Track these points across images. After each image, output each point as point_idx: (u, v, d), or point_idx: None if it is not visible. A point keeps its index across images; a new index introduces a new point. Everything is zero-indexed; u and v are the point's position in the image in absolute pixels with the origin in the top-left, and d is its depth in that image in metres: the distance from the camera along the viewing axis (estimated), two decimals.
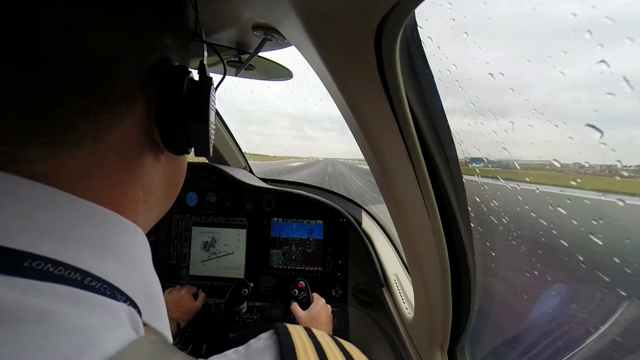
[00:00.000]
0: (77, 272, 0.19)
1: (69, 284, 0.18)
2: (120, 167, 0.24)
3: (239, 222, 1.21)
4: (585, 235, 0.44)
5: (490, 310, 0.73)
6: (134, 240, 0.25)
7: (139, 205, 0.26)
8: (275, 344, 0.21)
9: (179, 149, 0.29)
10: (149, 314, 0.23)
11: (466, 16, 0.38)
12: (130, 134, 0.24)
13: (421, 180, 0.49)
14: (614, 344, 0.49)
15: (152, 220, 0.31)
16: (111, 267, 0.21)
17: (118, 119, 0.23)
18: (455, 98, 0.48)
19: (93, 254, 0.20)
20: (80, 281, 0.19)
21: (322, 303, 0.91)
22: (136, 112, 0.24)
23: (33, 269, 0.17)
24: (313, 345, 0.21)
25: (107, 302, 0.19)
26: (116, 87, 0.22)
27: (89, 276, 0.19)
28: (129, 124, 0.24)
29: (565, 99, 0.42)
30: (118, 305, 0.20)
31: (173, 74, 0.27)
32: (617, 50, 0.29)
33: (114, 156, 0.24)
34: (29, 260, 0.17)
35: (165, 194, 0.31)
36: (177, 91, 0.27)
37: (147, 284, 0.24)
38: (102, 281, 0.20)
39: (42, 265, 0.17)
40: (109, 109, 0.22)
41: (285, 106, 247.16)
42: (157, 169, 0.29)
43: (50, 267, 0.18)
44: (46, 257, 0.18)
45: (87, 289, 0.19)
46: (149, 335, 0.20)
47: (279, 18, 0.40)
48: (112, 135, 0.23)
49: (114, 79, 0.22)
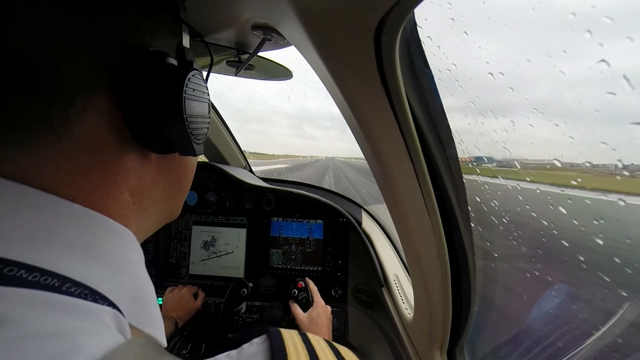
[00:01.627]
0: (55, 278, 0.18)
1: (45, 290, 0.17)
2: (95, 168, 0.22)
3: (239, 221, 1.21)
4: (586, 235, 0.44)
5: (490, 311, 0.72)
6: (124, 244, 0.24)
7: (126, 208, 0.25)
8: (268, 349, 0.21)
9: (157, 147, 0.26)
10: (139, 319, 0.23)
11: (465, 16, 0.37)
12: (99, 131, 0.22)
13: (421, 180, 0.49)
14: (614, 344, 0.49)
15: (152, 223, 0.29)
16: (96, 272, 0.20)
17: (76, 116, 0.21)
18: (455, 97, 0.48)
19: (76, 259, 0.20)
20: (58, 287, 0.18)
21: (322, 305, 0.90)
22: (100, 107, 0.22)
23: (4, 275, 0.16)
24: (307, 351, 0.21)
25: (88, 307, 0.19)
26: (60, 83, 0.20)
27: (68, 282, 0.18)
28: (93, 120, 0.22)
29: (565, 98, 0.42)
30: (101, 309, 0.19)
31: (142, 62, 0.24)
32: (617, 49, 0.28)
33: (87, 157, 0.22)
34: (0, 266, 0.17)
35: (165, 193, 0.29)
36: (143, 80, 0.24)
37: (137, 288, 0.23)
38: (82, 286, 0.19)
39: (14, 271, 0.17)
40: (60, 105, 0.20)
41: (283, 104, 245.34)
42: (148, 168, 0.26)
43: (24, 273, 0.17)
44: (20, 263, 0.17)
45: (65, 294, 0.18)
46: (138, 339, 0.20)
47: (279, 18, 0.40)
48: (76, 133, 0.21)
49: (55, 73, 0.20)
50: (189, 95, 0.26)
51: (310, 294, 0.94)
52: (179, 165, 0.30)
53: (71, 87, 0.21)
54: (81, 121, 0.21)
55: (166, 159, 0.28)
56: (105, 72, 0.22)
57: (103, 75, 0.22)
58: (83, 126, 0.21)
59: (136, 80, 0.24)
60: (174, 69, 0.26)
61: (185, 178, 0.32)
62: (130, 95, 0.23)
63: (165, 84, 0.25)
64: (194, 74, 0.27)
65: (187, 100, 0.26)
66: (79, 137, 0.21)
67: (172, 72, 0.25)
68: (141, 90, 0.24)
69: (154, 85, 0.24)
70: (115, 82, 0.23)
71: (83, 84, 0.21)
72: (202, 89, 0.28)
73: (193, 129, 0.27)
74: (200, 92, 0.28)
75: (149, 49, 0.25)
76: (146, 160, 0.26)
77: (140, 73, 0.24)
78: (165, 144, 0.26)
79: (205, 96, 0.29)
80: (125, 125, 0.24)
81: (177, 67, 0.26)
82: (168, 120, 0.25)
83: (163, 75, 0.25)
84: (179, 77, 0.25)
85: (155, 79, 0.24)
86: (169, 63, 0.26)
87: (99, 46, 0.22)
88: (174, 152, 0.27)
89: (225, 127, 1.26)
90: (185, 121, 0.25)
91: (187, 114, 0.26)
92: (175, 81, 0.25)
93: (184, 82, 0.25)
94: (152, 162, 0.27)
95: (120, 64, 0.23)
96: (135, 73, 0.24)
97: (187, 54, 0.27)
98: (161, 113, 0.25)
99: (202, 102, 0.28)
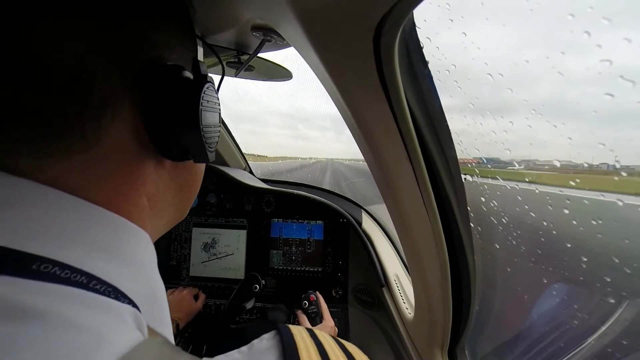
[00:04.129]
0: (83, 275, 0.19)
1: (75, 286, 0.18)
2: (119, 175, 0.24)
3: (239, 223, 1.21)
4: (585, 236, 0.44)
5: (491, 310, 0.73)
6: (140, 245, 0.25)
7: (144, 212, 0.26)
8: (278, 344, 0.21)
9: (174, 155, 0.27)
10: (152, 318, 0.23)
11: (464, 17, 0.38)
12: (124, 140, 0.24)
13: (421, 181, 0.49)
14: (614, 344, 0.49)
15: (163, 225, 0.30)
16: (116, 271, 0.21)
17: (106, 126, 0.22)
18: (454, 98, 0.48)
19: (99, 258, 0.21)
20: (86, 284, 0.19)
21: (331, 326, 0.88)
22: (125, 118, 0.24)
23: (41, 271, 0.18)
24: (315, 346, 0.21)
25: (112, 304, 0.20)
26: (92, 94, 0.21)
27: (94, 279, 0.19)
28: (119, 130, 0.23)
29: (565, 99, 0.42)
30: (123, 307, 0.20)
31: (161, 74, 0.25)
32: (616, 50, 0.29)
33: (111, 164, 0.23)
34: (37, 263, 0.18)
35: (176, 198, 0.30)
36: (164, 92, 0.25)
37: (151, 288, 0.24)
38: (106, 284, 0.20)
39: (49, 267, 0.18)
40: (92, 116, 0.22)
41: (275, 104, 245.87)
42: (162, 175, 0.28)
43: (58, 270, 0.18)
44: (54, 260, 0.18)
45: (92, 291, 0.19)
46: (156, 337, 0.21)
47: (278, 19, 0.40)
48: (105, 142, 0.22)
49: (88, 86, 0.21)
50: (204, 106, 0.28)
51: (320, 310, 0.92)
52: (190, 171, 0.32)
53: (103, 98, 0.22)
54: (110, 131, 0.23)
55: (179, 166, 0.30)
56: (130, 84, 0.24)
57: (129, 87, 0.24)
58: (111, 136, 0.23)
59: (157, 93, 0.25)
60: (191, 82, 0.27)
61: (195, 183, 0.34)
62: (151, 106, 0.25)
63: (184, 96, 0.26)
64: (209, 87, 0.28)
65: (202, 111, 0.27)
66: (107, 146, 0.23)
67: (189, 85, 0.27)
68: (162, 102, 0.25)
69: (174, 97, 0.26)
70: (139, 94, 0.24)
71: (113, 96, 0.23)
72: (215, 100, 0.30)
73: (207, 138, 0.28)
74: (214, 103, 0.30)
75: (167, 63, 0.26)
76: (161, 167, 0.28)
77: (161, 86, 0.25)
78: (181, 152, 0.27)
79: (217, 107, 0.31)
80: (146, 135, 0.25)
81: (194, 81, 0.28)
82: (186, 130, 0.27)
83: (182, 88, 0.26)
84: (195, 90, 0.27)
85: (175, 91, 0.26)
86: (186, 76, 0.27)
87: (125, 59, 0.23)
88: (189, 159, 0.29)
89: (225, 129, 1.26)
90: (202, 131, 0.27)
91: (202, 125, 0.27)
92: (192, 94, 0.27)
93: (200, 95, 0.27)
94: (167, 169, 0.29)
95: (143, 77, 0.24)
96: (156, 86, 0.25)
97: (201, 67, 0.28)
98: (180, 123, 0.26)
99: (214, 112, 0.30)
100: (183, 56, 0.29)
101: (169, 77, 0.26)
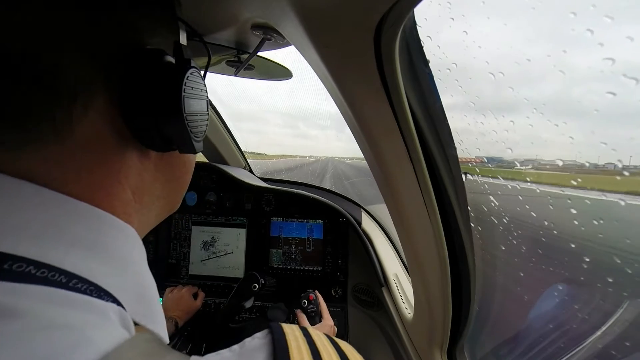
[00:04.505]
0: (62, 274, 0.18)
1: (52, 286, 0.18)
2: (99, 168, 0.23)
3: (239, 221, 1.21)
4: (586, 236, 0.44)
5: (490, 310, 0.72)
6: (127, 242, 0.24)
7: (129, 207, 0.25)
8: (269, 343, 0.21)
9: (157, 146, 0.26)
10: (143, 315, 0.23)
11: (465, 15, 0.37)
12: (101, 131, 0.22)
13: (421, 180, 0.49)
14: (614, 344, 0.49)
15: (152, 219, 0.29)
16: (99, 269, 0.21)
17: (78, 116, 0.21)
18: (455, 97, 0.48)
19: (82, 256, 0.20)
20: (65, 283, 0.18)
21: (330, 325, 0.88)
22: (101, 106, 0.22)
23: (13, 271, 0.17)
24: (307, 345, 0.21)
25: (94, 302, 0.19)
26: (61, 83, 0.20)
27: (75, 278, 0.19)
28: (94, 120, 0.22)
29: (567, 97, 0.42)
30: (106, 305, 0.20)
31: (139, 60, 0.24)
32: (618, 48, 0.28)
33: (90, 156, 0.22)
34: (9, 263, 0.17)
35: (164, 190, 0.29)
36: (142, 79, 0.23)
37: (140, 285, 0.24)
38: (88, 282, 0.19)
39: (23, 267, 0.17)
40: (61, 105, 0.20)
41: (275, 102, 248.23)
42: (147, 167, 0.27)
43: (33, 269, 0.17)
44: (28, 259, 0.17)
45: (72, 290, 0.18)
46: (142, 334, 0.20)
47: (278, 18, 0.40)
48: (79, 133, 0.21)
49: (56, 73, 0.20)
50: (188, 93, 0.26)
51: (320, 309, 0.91)
52: (178, 162, 0.30)
53: (72, 87, 0.21)
54: (83, 121, 0.21)
55: (165, 157, 0.28)
56: (104, 71, 0.22)
57: (102, 75, 0.22)
58: (85, 126, 0.22)
59: (135, 79, 0.24)
60: (172, 67, 0.26)
61: (185, 174, 0.32)
62: (129, 94, 0.23)
63: (164, 82, 0.25)
64: (192, 72, 0.26)
65: (186, 98, 0.25)
66: (81, 136, 0.21)
67: (170, 70, 0.25)
68: (140, 89, 0.24)
69: (153, 83, 0.24)
70: (114, 81, 0.23)
71: (83, 84, 0.21)
72: (200, 87, 0.28)
73: (192, 127, 0.27)
74: (199, 90, 0.28)
75: (147, 47, 0.25)
76: (146, 158, 0.26)
77: (139, 72, 0.24)
78: (164, 142, 0.26)
79: (203, 94, 0.29)
80: (125, 125, 0.24)
81: (175, 65, 0.26)
82: (167, 119, 0.25)
83: (161, 74, 0.24)
84: (177, 76, 0.25)
85: (154, 77, 0.24)
86: (167, 61, 0.26)
87: (97, 45, 0.22)
88: (174, 150, 0.27)
89: (224, 127, 1.26)
90: (185, 119, 0.25)
91: (186, 113, 0.25)
92: (173, 80, 0.25)
93: (182, 81, 0.25)
94: (152, 160, 0.27)
95: (118, 63, 0.23)
96: (134, 72, 0.23)
97: (184, 51, 0.26)
98: (160, 112, 0.25)
99: (200, 99, 0.28)
100: (166, 41, 0.27)
101: (147, 62, 0.24)
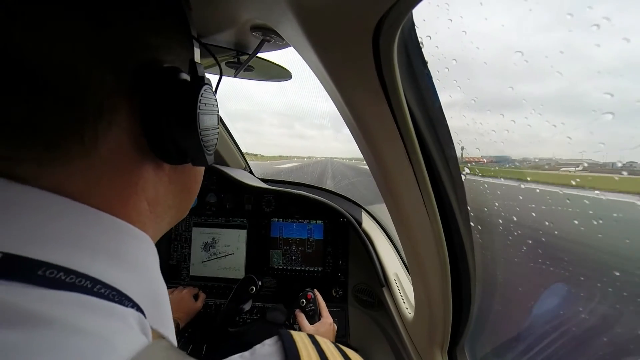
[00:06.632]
0: (88, 280, 0.19)
1: (80, 292, 0.19)
2: (119, 180, 0.24)
3: (239, 222, 1.21)
4: (586, 236, 0.44)
5: (491, 310, 0.72)
6: (142, 248, 0.25)
7: (144, 216, 0.26)
8: (280, 350, 0.21)
9: (173, 159, 0.27)
10: (155, 320, 0.24)
11: (463, 16, 0.38)
12: (122, 146, 0.24)
13: (420, 181, 0.49)
14: (614, 344, 0.49)
15: (164, 227, 0.31)
16: (120, 275, 0.21)
17: (103, 132, 0.22)
18: (454, 98, 0.48)
19: (104, 262, 0.21)
20: (91, 288, 0.19)
21: (330, 323, 0.88)
22: (122, 123, 0.23)
23: (46, 277, 0.18)
24: (317, 353, 0.22)
25: (117, 309, 0.20)
26: (87, 100, 0.21)
27: (99, 283, 0.20)
28: (117, 135, 0.23)
29: (565, 97, 0.42)
30: (127, 312, 0.21)
31: (157, 78, 0.25)
32: (615, 49, 0.29)
33: (111, 170, 0.23)
34: (42, 269, 0.18)
35: (176, 200, 0.30)
36: (160, 96, 0.25)
37: (154, 291, 0.25)
38: (111, 288, 0.20)
39: (55, 273, 0.18)
40: (88, 122, 0.21)
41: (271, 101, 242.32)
42: (162, 179, 0.28)
43: (63, 275, 0.18)
44: (59, 266, 0.18)
45: (97, 296, 0.19)
46: (160, 341, 0.21)
47: (277, 19, 0.40)
48: (103, 148, 0.22)
49: (83, 91, 0.21)
50: (202, 109, 0.27)
51: (318, 308, 0.92)
52: (190, 174, 0.32)
53: (98, 104, 0.22)
54: (107, 136, 0.22)
55: (178, 169, 0.30)
56: (126, 88, 0.23)
57: (124, 92, 0.23)
58: (108, 141, 0.23)
59: (154, 96, 0.25)
60: (188, 84, 0.27)
61: (195, 185, 0.34)
62: (148, 110, 0.25)
63: (181, 99, 0.26)
64: (206, 89, 0.28)
65: (200, 115, 0.27)
66: (104, 151, 0.22)
67: (186, 88, 0.27)
68: (159, 105, 0.25)
69: (171, 100, 0.25)
70: (134, 98, 0.24)
71: (108, 101, 0.22)
72: (212, 102, 0.30)
73: (205, 141, 0.28)
74: (212, 106, 0.29)
75: (164, 65, 0.26)
76: (160, 170, 0.28)
77: (158, 89, 0.25)
78: (180, 156, 0.27)
79: (215, 109, 0.31)
80: (144, 139, 0.25)
81: (191, 83, 0.27)
82: (184, 134, 0.26)
83: (178, 91, 0.26)
84: (193, 93, 0.26)
85: (171, 94, 0.25)
86: (183, 79, 0.27)
87: (120, 63, 0.23)
88: (187, 162, 0.29)
89: (225, 128, 1.26)
90: (200, 134, 0.27)
91: (200, 128, 0.27)
92: (190, 97, 0.26)
93: (197, 98, 0.26)
94: (166, 172, 0.28)
95: (138, 81, 0.24)
96: (153, 89, 0.25)
97: (198, 68, 0.28)
98: (178, 127, 0.26)
99: (212, 114, 0.30)
100: (180, 58, 0.29)
101: (165, 80, 0.25)
